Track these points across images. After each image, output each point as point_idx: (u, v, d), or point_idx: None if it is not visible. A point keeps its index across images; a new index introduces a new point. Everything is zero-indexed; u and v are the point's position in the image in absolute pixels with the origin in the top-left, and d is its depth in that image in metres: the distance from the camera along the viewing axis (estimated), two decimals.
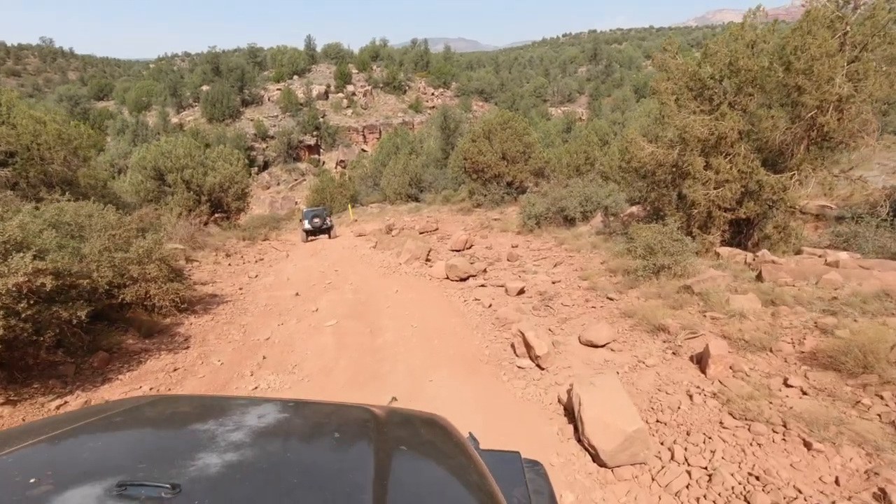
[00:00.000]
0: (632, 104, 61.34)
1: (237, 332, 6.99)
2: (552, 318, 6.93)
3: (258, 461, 1.06)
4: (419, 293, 8.68)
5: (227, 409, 1.40)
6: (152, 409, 1.45)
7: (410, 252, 11.11)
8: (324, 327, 7.17)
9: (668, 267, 7.30)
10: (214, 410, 1.44)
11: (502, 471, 1.49)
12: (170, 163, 20.29)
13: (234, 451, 1.08)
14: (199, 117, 62.75)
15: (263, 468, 1.04)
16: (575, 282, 8.76)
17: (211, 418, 1.29)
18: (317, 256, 15.66)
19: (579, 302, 7.50)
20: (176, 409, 1.55)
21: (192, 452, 1.07)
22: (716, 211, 8.75)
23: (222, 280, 11.40)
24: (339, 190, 35.43)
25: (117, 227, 7.07)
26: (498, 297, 8.16)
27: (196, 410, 1.52)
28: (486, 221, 19.59)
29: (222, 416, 1.30)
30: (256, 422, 1.25)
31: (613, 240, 11.78)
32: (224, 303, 8.89)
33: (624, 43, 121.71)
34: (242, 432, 1.17)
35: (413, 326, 6.86)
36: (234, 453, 1.07)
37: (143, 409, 1.44)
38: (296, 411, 1.40)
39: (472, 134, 25.79)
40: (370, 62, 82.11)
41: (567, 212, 15.26)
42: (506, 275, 9.93)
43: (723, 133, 8.16)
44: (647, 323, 5.59)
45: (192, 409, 1.55)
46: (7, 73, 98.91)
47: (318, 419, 1.43)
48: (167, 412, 1.49)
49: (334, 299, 8.95)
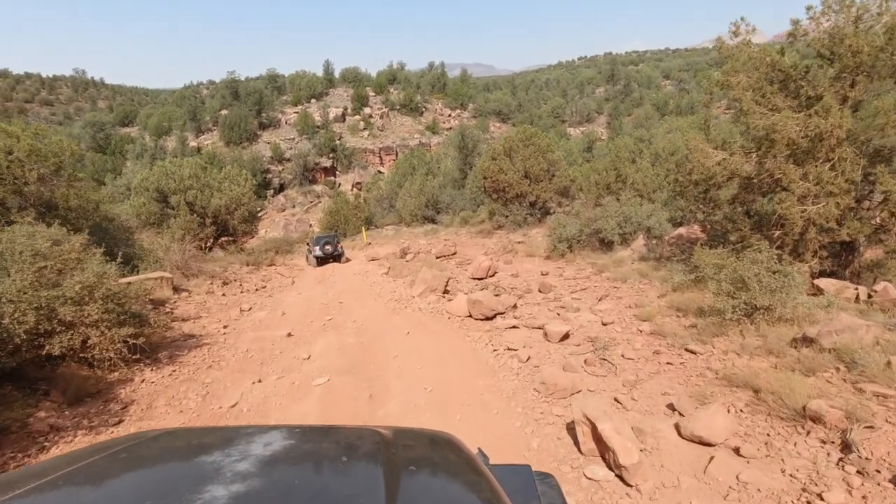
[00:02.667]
0: (655, 121, 59.47)
1: (197, 394, 5.32)
2: (614, 379, 5.11)
3: (265, 490, 1.03)
4: (436, 337, 6.93)
5: (233, 438, 1.35)
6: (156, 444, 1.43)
7: (426, 283, 9.40)
8: (311, 387, 5.45)
9: (768, 308, 5.43)
10: (219, 441, 1.40)
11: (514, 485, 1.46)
12: (173, 184, 19.18)
13: (241, 481, 1.04)
14: (216, 141, 63.04)
15: (271, 497, 1.01)
16: (632, 323, 6.91)
17: (216, 449, 1.27)
18: (323, 284, 14.09)
19: (646, 354, 5.66)
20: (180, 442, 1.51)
21: (198, 485, 1.02)
22: (811, 232, 6.86)
23: (209, 314, 9.85)
24: (353, 212, 34.13)
25: (52, 257, 5.55)
26: (536, 343, 6.36)
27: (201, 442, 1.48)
28: (509, 245, 17.84)
29: (228, 446, 1.26)
30: (262, 450, 1.21)
31: (666, 267, 9.90)
32: (199, 347, 7.28)
33: (640, 64, 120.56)
34: (249, 462, 1.14)
35: (427, 390, 5.10)
36: (240, 484, 1.02)
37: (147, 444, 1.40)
38: (302, 437, 1.39)
39: (493, 151, 24.28)
40: (387, 85, 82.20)
41: (603, 234, 13.43)
42: (541, 312, 8.13)
43: (823, 133, 6.34)
44: (777, 401, 3.72)
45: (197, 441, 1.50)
46: (41, 102, 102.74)
47: (325, 444, 1.41)
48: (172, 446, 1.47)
49: (332, 343, 7.25)
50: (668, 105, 76.34)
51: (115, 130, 67.99)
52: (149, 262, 12.70)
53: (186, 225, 18.45)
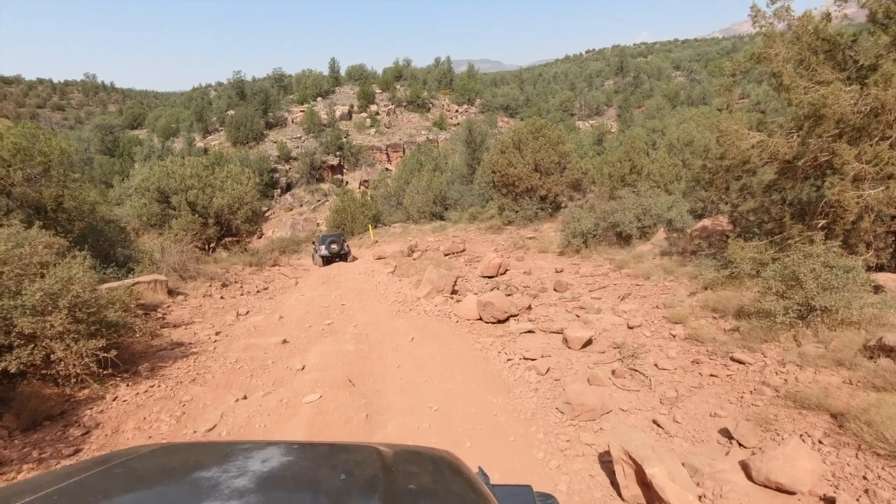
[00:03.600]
0: (667, 112, 58.04)
1: (171, 415, 4.69)
2: (649, 394, 4.38)
3: None
4: (442, 345, 6.24)
5: (231, 454, 1.32)
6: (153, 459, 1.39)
7: (432, 283, 8.71)
8: (300, 405, 4.80)
9: (827, 309, 4.65)
10: (217, 457, 1.35)
11: None
12: (174, 184, 18.68)
13: (238, 498, 1.01)
14: (223, 141, 62.80)
15: None
16: (662, 326, 6.16)
17: (214, 465, 1.24)
18: (328, 284, 13.49)
19: (683, 363, 4.92)
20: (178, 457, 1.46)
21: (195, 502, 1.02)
22: (866, 220, 6.06)
23: (203, 319, 9.27)
24: (360, 210, 33.51)
25: (11, 262, 4.95)
26: (555, 350, 5.65)
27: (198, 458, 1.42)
28: (520, 241, 17.10)
29: (225, 461, 1.24)
30: (260, 466, 1.20)
31: (693, 262, 9.11)
32: (185, 357, 6.67)
33: (650, 56, 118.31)
34: (246, 478, 1.12)
35: (432, 409, 4.42)
36: (237, 501, 1.00)
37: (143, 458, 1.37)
38: (300, 453, 1.37)
39: (502, 144, 23.51)
40: (394, 82, 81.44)
41: (621, 228, 12.63)
42: (558, 313, 7.41)
43: (885, 105, 5.53)
44: (870, 431, 2.96)
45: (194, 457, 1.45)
46: (53, 107, 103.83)
47: (324, 461, 1.38)
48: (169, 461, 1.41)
49: (329, 352, 6.60)
50: (679, 96, 74.67)
51: (123, 133, 68.15)
52: (145, 265, 12.18)
53: (188, 226, 17.97)
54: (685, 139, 24.87)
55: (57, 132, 75.43)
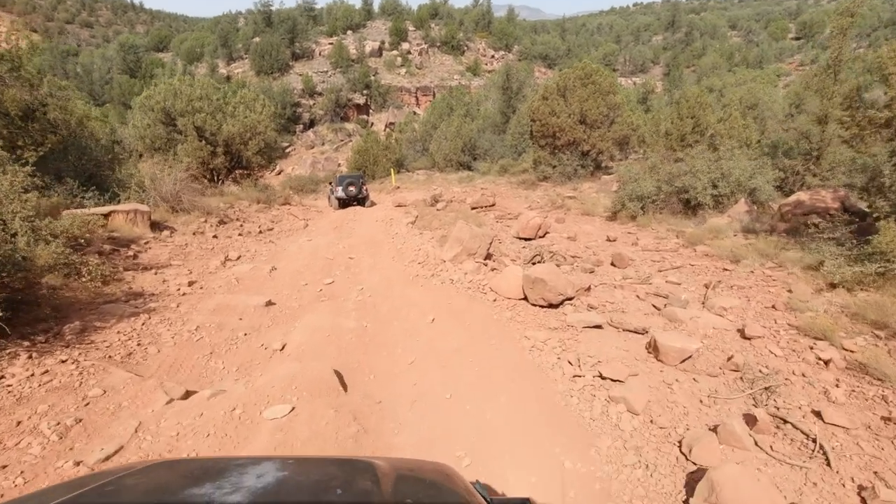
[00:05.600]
0: (723, 72, 52.83)
1: (58, 422, 3.09)
2: (826, 477, 2.59)
3: None
4: (475, 335, 4.48)
5: (225, 470, 1.29)
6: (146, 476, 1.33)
7: (461, 243, 6.84)
8: (260, 422, 3.14)
9: None
10: (211, 473, 1.31)
11: None
12: (181, 104, 16.82)
13: None
14: (247, 69, 60.08)
15: None
16: (794, 339, 4.27)
17: (207, 481, 1.20)
18: (339, 231, 11.83)
19: (862, 416, 3.09)
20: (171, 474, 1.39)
21: None
22: None
23: (183, 263, 7.70)
24: (384, 152, 31.34)
25: None
26: (639, 361, 3.85)
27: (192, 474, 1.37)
28: (558, 200, 15.02)
29: (219, 478, 1.20)
30: (255, 482, 1.16)
31: (801, 247, 7.06)
32: (135, 315, 5.08)
33: (702, 13, 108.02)
34: (241, 494, 1.08)
35: (460, 459, 2.72)
36: None
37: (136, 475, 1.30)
38: (296, 468, 1.33)
39: (545, 89, 20.85)
40: (429, 19, 76.12)
41: (690, 194, 10.44)
42: (628, 300, 5.55)
43: None
44: None
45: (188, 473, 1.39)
46: (81, 23, 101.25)
47: (319, 476, 1.33)
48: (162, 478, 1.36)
49: (321, 327, 4.92)
50: (734, 57, 68.10)
51: (147, 54, 65.75)
52: (132, 192, 10.58)
53: (194, 152, 16.26)
54: (749, 101, 21.84)
55: (82, 49, 73.27)
